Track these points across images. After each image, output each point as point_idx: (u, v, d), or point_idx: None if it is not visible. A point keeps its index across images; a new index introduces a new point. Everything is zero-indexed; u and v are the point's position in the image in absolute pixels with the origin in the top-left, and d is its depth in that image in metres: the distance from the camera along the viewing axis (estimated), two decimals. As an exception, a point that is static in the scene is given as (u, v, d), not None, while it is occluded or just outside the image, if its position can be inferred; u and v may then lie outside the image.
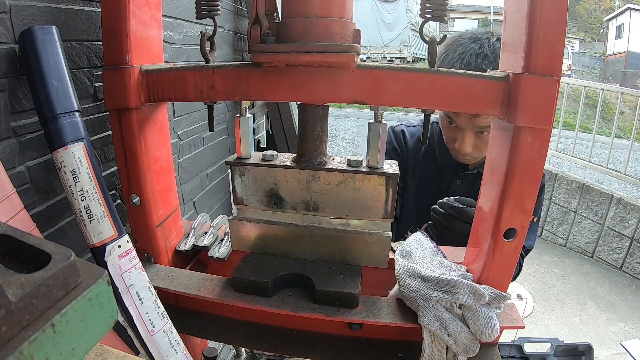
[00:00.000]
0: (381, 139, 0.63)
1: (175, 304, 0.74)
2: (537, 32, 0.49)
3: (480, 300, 0.56)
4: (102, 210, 0.60)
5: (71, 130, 0.58)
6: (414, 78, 0.55)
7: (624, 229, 3.15)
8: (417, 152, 1.14)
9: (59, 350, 0.27)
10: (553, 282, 3.08)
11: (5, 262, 0.29)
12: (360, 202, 0.66)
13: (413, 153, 1.14)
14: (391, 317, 0.61)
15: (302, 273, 0.66)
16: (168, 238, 0.76)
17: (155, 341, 0.62)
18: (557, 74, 0.50)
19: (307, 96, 0.60)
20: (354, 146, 6.53)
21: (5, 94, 0.58)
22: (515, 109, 0.52)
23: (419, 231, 0.74)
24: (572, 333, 2.51)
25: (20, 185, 0.61)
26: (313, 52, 0.53)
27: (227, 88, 0.61)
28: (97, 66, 0.76)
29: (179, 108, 1.13)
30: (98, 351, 0.44)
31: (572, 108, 6.99)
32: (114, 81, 0.64)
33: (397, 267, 0.64)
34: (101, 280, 0.31)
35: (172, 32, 1.07)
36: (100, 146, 0.80)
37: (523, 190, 0.54)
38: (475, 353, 0.57)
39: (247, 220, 0.71)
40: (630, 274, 3.13)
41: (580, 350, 1.03)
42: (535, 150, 0.53)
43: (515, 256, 0.59)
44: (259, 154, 0.69)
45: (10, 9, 0.57)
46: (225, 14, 1.46)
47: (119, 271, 0.60)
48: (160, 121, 0.72)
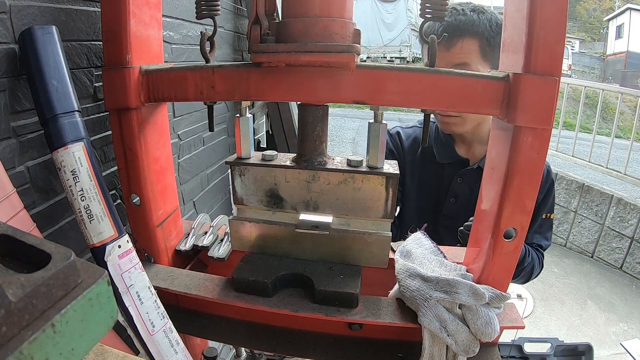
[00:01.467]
0: (381, 139, 0.63)
1: (175, 304, 0.74)
2: (537, 32, 0.49)
3: (480, 300, 0.56)
4: (102, 210, 0.60)
5: (71, 130, 0.58)
6: (414, 78, 0.55)
7: (624, 229, 3.15)
8: (415, 153, 1.14)
9: (59, 350, 0.27)
10: (553, 282, 3.08)
11: (5, 262, 0.29)
12: (360, 202, 0.66)
13: (410, 154, 1.14)
14: (391, 317, 0.61)
15: (302, 273, 0.66)
16: (168, 238, 0.76)
17: (155, 341, 0.62)
18: (557, 74, 0.50)
19: (307, 96, 0.60)
20: (354, 146, 6.53)
21: (5, 94, 0.58)
22: (515, 109, 0.52)
23: (419, 231, 0.74)
24: (572, 333, 2.51)
25: (20, 185, 0.61)
26: (313, 52, 0.53)
27: (227, 88, 0.61)
28: (97, 66, 0.76)
29: (179, 108, 1.13)
30: (98, 351, 0.44)
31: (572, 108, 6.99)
32: (114, 81, 0.64)
33: (397, 267, 0.64)
34: (101, 280, 0.31)
35: (172, 32, 1.07)
36: (100, 146, 0.80)
37: (523, 190, 0.54)
38: (475, 353, 0.57)
39: (247, 220, 0.71)
40: (630, 274, 3.13)
41: (580, 350, 1.03)
42: (535, 150, 0.53)
43: (516, 256, 0.59)
44: (259, 154, 0.69)
45: (10, 9, 0.57)
46: (225, 14, 1.46)
47: (119, 271, 0.60)
48: (160, 121, 0.72)
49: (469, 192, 1.07)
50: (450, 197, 1.09)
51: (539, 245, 1.07)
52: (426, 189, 1.12)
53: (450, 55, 0.93)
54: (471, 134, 1.06)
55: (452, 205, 1.09)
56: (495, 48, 0.92)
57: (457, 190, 1.08)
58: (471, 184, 1.06)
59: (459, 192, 1.08)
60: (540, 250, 1.07)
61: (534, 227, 1.05)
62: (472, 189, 1.06)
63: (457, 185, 1.08)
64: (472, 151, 1.08)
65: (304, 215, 0.69)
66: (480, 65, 0.93)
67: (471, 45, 0.92)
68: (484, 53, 0.93)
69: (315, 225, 0.67)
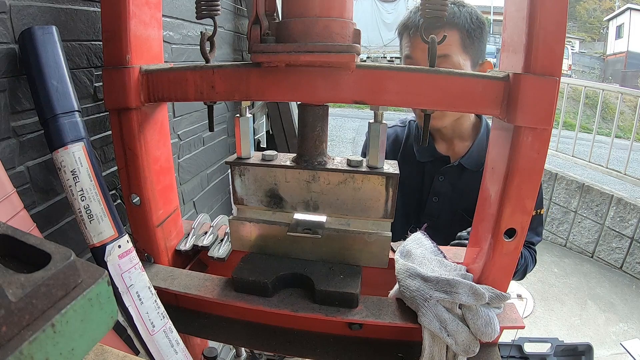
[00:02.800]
0: (381, 139, 0.63)
1: (175, 304, 0.74)
2: (537, 33, 0.49)
3: (480, 300, 0.56)
4: (102, 210, 0.60)
5: (71, 130, 0.58)
6: (414, 78, 0.55)
7: (624, 229, 3.15)
8: (396, 153, 1.14)
9: (59, 350, 0.27)
10: (553, 282, 3.07)
11: (5, 262, 0.29)
12: (360, 202, 0.66)
13: (392, 154, 1.14)
14: (391, 317, 0.61)
15: (302, 273, 0.66)
16: (168, 238, 0.76)
17: (155, 341, 0.62)
18: (557, 74, 0.50)
19: (307, 96, 0.60)
20: (354, 146, 6.53)
21: (5, 94, 0.58)
22: (515, 109, 0.52)
23: (419, 231, 0.74)
24: (572, 333, 2.51)
25: (20, 185, 0.61)
26: (313, 52, 0.53)
27: (227, 88, 0.61)
28: (97, 66, 0.76)
29: (179, 108, 1.13)
30: (98, 351, 0.44)
31: (572, 108, 6.99)
32: (114, 81, 0.64)
33: (397, 267, 0.64)
34: (101, 280, 0.31)
35: (172, 32, 1.07)
36: (100, 146, 0.80)
37: (523, 190, 0.54)
38: (475, 353, 0.57)
39: (247, 220, 0.71)
40: (630, 274, 3.13)
41: (580, 350, 1.03)
42: (535, 150, 0.53)
43: (516, 256, 0.59)
44: (259, 154, 0.69)
45: (10, 9, 0.57)
46: (225, 14, 1.46)
47: (119, 271, 0.60)
48: (160, 121, 0.72)
49: (450, 189, 1.06)
50: (432, 195, 1.08)
51: (531, 242, 1.06)
52: (408, 189, 1.11)
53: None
54: (451, 130, 1.05)
55: (435, 203, 1.08)
56: (475, 41, 0.92)
57: (439, 188, 1.07)
58: (453, 182, 1.06)
59: (441, 191, 1.07)
60: (532, 247, 1.07)
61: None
62: (454, 187, 1.06)
63: (439, 184, 1.07)
64: (453, 148, 1.08)
65: (297, 215, 0.69)
66: (461, 57, 0.93)
67: (452, 37, 0.91)
68: (464, 45, 0.92)
69: (307, 228, 0.67)
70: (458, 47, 0.92)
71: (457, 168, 1.06)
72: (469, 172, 1.05)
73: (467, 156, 1.05)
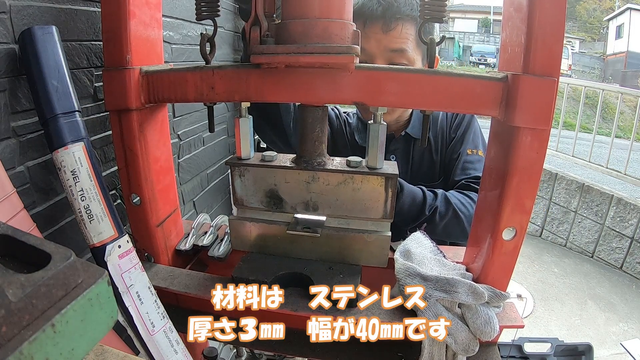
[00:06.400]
0: (381, 139, 0.63)
1: (175, 303, 0.74)
2: (535, 33, 0.49)
3: (479, 300, 0.56)
4: (102, 210, 0.60)
5: (71, 130, 0.58)
6: (413, 79, 0.55)
7: (624, 229, 3.15)
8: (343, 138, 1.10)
9: (59, 350, 0.27)
10: (553, 282, 3.07)
11: (5, 262, 0.29)
12: (360, 203, 0.66)
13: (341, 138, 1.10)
14: (391, 316, 0.61)
15: (302, 272, 0.66)
16: (168, 238, 0.76)
17: (155, 341, 0.62)
18: (556, 75, 0.51)
19: (307, 97, 0.60)
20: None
21: (5, 94, 0.58)
22: (514, 110, 0.52)
23: (419, 231, 0.74)
24: (572, 333, 2.51)
25: (20, 185, 0.61)
26: (313, 54, 0.53)
27: (227, 89, 0.61)
28: (97, 66, 0.76)
29: (179, 108, 1.13)
30: (98, 351, 0.44)
31: (572, 108, 6.98)
32: (114, 82, 0.64)
33: (397, 266, 0.64)
34: (101, 280, 0.31)
35: (172, 32, 1.07)
36: (100, 146, 0.80)
37: (522, 189, 0.55)
38: (474, 352, 0.57)
39: (247, 219, 0.71)
40: (630, 274, 3.13)
41: (580, 350, 1.03)
42: (534, 150, 0.53)
43: (515, 256, 0.59)
44: (259, 155, 0.69)
45: (10, 9, 0.57)
46: (225, 14, 1.46)
47: (119, 271, 0.60)
48: (160, 121, 0.72)
49: (405, 162, 1.03)
50: None
51: (476, 177, 0.95)
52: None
53: (388, 39, 0.89)
54: (395, 121, 1.03)
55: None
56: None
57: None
58: (405, 154, 1.02)
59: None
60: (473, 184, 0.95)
61: (459, 165, 0.98)
62: (407, 158, 1.02)
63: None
64: (392, 126, 1.02)
65: (298, 215, 0.69)
66: (415, 53, 0.90)
67: (409, 31, 0.89)
68: (418, 42, 0.89)
69: (307, 227, 0.67)
70: (413, 42, 0.90)
71: (403, 139, 1.02)
72: (417, 142, 1.01)
73: (410, 126, 1.02)
